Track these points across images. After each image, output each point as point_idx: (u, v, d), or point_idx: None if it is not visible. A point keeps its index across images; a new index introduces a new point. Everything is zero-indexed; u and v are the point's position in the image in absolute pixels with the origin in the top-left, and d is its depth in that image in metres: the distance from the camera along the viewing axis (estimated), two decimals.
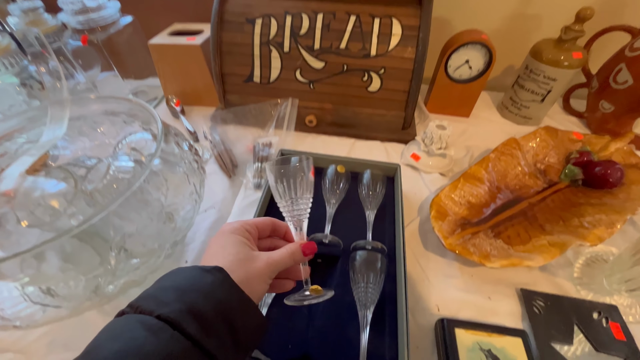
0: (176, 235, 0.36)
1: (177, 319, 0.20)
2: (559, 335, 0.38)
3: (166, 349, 0.19)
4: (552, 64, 0.62)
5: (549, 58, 0.62)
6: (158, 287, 0.23)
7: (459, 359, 0.34)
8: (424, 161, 0.59)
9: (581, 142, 0.63)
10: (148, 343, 0.19)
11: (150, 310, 0.21)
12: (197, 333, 0.20)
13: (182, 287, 0.23)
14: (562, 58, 0.61)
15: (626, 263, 0.39)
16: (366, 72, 0.60)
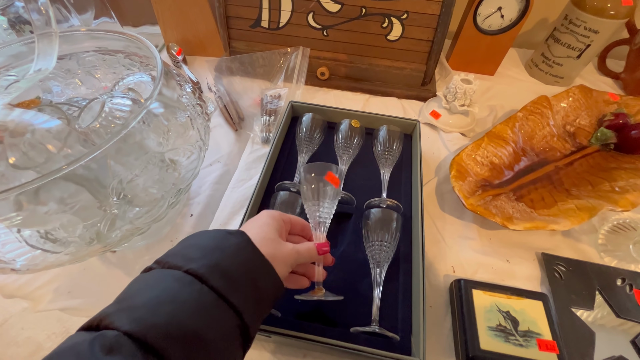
0: (180, 184, 0.34)
1: (204, 274, 0.21)
2: (579, 300, 0.37)
3: (198, 299, 0.20)
4: (596, 13, 0.55)
5: (594, 5, 0.55)
6: (184, 245, 0.25)
7: (476, 319, 0.33)
8: (445, 119, 0.55)
9: (617, 104, 0.57)
10: (181, 293, 0.20)
11: (179, 265, 0.22)
12: (223, 288, 0.21)
13: (209, 246, 0.24)
14: (609, 6, 0.54)
15: None
16: (386, 18, 0.54)
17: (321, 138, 0.50)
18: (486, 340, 0.32)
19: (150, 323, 0.18)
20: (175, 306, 0.19)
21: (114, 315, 0.19)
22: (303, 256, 0.28)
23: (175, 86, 0.34)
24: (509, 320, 0.33)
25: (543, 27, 0.74)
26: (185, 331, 0.19)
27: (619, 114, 0.54)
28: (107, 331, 0.18)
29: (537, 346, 0.31)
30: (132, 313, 0.19)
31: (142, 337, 0.18)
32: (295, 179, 0.44)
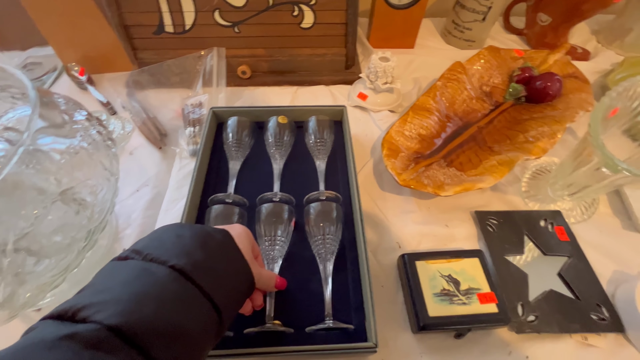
0: (90, 224, 0.31)
1: (191, 271, 0.21)
2: (511, 247, 0.40)
3: (183, 296, 0.20)
4: None
5: None
6: (166, 238, 0.24)
7: (422, 289, 0.34)
8: (372, 99, 0.56)
9: (523, 59, 0.62)
10: (167, 288, 0.20)
11: (163, 260, 0.21)
12: (207, 286, 0.22)
13: (193, 242, 0.23)
14: None
15: (567, 169, 0.40)
16: (295, 6, 0.53)
17: (252, 140, 0.48)
18: (433, 307, 0.33)
19: (137, 317, 0.18)
20: (161, 301, 0.19)
21: (93, 307, 0.18)
22: (263, 282, 0.29)
23: (61, 115, 0.30)
24: (452, 283, 0.35)
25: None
26: (171, 327, 0.19)
27: (525, 67, 0.58)
28: (85, 324, 0.17)
29: (479, 300, 0.34)
30: (116, 306, 0.18)
31: (128, 332, 0.17)
32: (229, 189, 0.42)
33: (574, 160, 0.38)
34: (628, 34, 0.68)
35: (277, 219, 0.38)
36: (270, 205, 0.39)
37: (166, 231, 0.25)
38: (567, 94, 0.55)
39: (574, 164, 0.38)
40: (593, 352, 0.34)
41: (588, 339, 0.34)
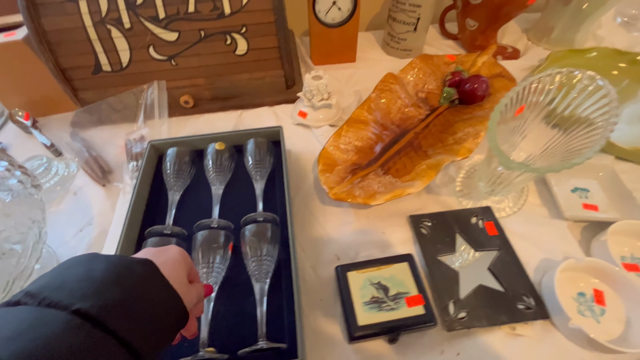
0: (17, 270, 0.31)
1: (100, 315, 0.18)
2: (444, 247, 0.42)
3: (88, 349, 0.16)
4: None
5: None
6: (70, 273, 0.20)
7: (352, 299, 0.35)
8: (312, 116, 0.58)
9: (455, 63, 0.65)
10: (64, 344, 0.16)
11: (64, 304, 0.18)
12: (123, 330, 0.18)
13: (106, 277, 0.20)
14: None
15: (485, 168, 0.42)
16: (227, 35, 0.55)
17: (192, 169, 0.49)
18: (363, 316, 0.34)
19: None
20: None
21: None
22: (197, 307, 0.27)
23: None
24: (381, 290, 0.36)
25: (385, 8, 0.81)
26: None
27: (456, 72, 0.61)
28: None
29: (406, 304, 0.35)
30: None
31: None
32: (167, 220, 0.43)
33: (487, 159, 0.41)
34: (552, 32, 0.72)
35: (213, 245, 0.39)
36: (206, 232, 0.40)
37: (73, 265, 0.21)
38: (495, 93, 0.58)
39: (488, 163, 0.41)
40: (521, 341, 0.35)
41: (516, 329, 0.36)
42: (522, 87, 0.39)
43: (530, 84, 0.38)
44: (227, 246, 0.40)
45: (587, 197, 0.47)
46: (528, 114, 0.43)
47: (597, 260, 0.37)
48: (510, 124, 0.43)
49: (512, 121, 0.43)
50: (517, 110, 0.41)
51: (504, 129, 0.43)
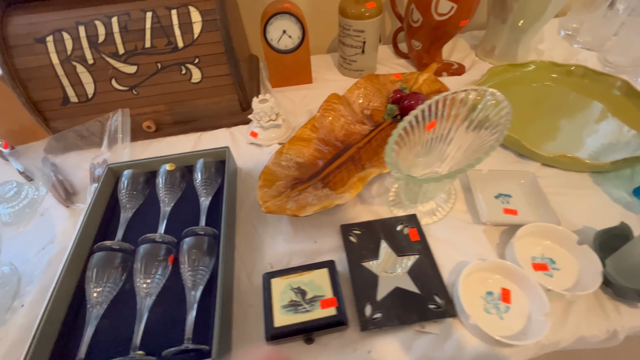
0: None
1: None
2: (368, 254, 0.45)
3: None
4: (355, 18, 0.67)
5: (352, 13, 0.67)
6: None
7: (272, 303, 0.39)
8: (262, 136, 0.62)
9: (400, 82, 0.70)
10: None
11: None
12: None
13: None
14: (362, 10, 0.67)
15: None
16: (182, 66, 0.60)
17: (146, 189, 0.54)
18: (280, 318, 0.37)
19: None
20: None
21: None
22: None
23: None
24: (299, 294, 0.39)
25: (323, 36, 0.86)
26: None
27: (397, 89, 0.66)
28: None
29: (320, 306, 0.38)
30: None
31: None
32: (117, 237, 0.47)
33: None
34: (495, 48, 0.77)
35: (154, 257, 0.43)
36: (148, 246, 0.44)
37: None
38: None
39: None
40: (428, 338, 0.38)
41: (425, 327, 0.39)
42: (420, 110, 0.44)
43: (432, 104, 0.43)
44: (168, 258, 0.44)
45: (508, 202, 0.50)
46: (449, 125, 0.47)
47: (501, 261, 0.40)
48: (426, 136, 0.47)
49: (425, 134, 0.47)
50: (428, 126, 0.46)
51: (420, 143, 0.47)
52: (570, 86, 0.68)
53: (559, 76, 0.70)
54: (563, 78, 0.70)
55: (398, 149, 0.43)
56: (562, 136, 0.60)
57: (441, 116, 0.46)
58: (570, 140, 0.59)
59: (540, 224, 0.44)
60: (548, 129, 0.61)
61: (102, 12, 0.57)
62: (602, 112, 0.63)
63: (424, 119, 0.45)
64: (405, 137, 0.45)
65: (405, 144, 0.45)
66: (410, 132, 0.45)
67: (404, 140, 0.45)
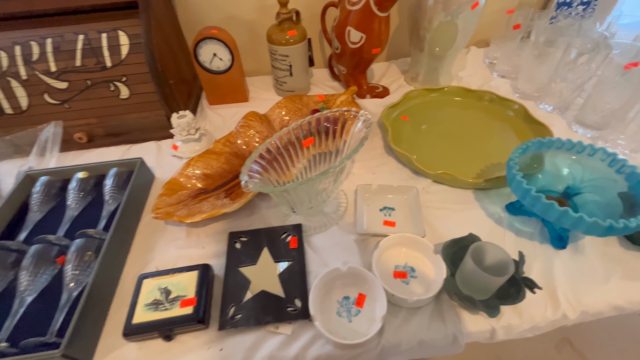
0: None
1: None
2: (247, 259, 0.48)
3: None
4: (279, 44, 0.73)
5: (277, 39, 0.73)
6: None
7: (137, 302, 0.41)
8: (183, 149, 0.67)
9: (322, 102, 0.76)
10: None
11: None
12: None
13: None
14: (287, 37, 0.73)
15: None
16: (111, 83, 0.66)
17: (60, 195, 0.57)
18: (140, 315, 0.40)
19: None
20: None
21: None
22: None
23: None
24: (164, 294, 0.42)
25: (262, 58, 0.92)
26: None
27: (315, 109, 0.71)
28: None
29: (180, 305, 0.41)
30: None
31: None
32: (19, 237, 0.51)
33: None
34: (418, 76, 0.83)
35: (43, 257, 0.46)
36: (39, 246, 0.47)
37: None
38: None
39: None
40: (279, 338, 0.40)
41: (279, 327, 0.41)
42: (286, 130, 0.48)
43: (304, 122, 0.47)
44: (57, 259, 0.47)
45: (390, 215, 0.54)
46: (335, 141, 0.52)
47: (358, 268, 0.44)
48: (310, 152, 0.51)
49: (306, 151, 0.51)
50: (304, 142, 0.50)
51: (305, 158, 0.52)
52: (478, 110, 0.74)
53: (470, 100, 0.76)
54: (473, 102, 0.75)
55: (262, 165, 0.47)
56: (462, 155, 0.64)
57: (321, 133, 0.51)
58: (469, 159, 0.63)
59: (405, 234, 0.47)
60: (450, 148, 0.66)
61: (38, 33, 0.63)
62: (501, 134, 0.68)
63: (298, 137, 0.49)
64: (276, 153, 0.49)
65: (281, 160, 0.49)
66: (286, 149, 0.49)
67: (280, 156, 0.49)
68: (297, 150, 0.51)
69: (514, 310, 0.41)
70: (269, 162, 0.48)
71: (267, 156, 0.47)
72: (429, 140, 0.67)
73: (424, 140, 0.67)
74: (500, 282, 0.38)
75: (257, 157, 0.46)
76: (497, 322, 0.41)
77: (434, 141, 0.67)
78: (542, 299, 0.42)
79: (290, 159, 0.51)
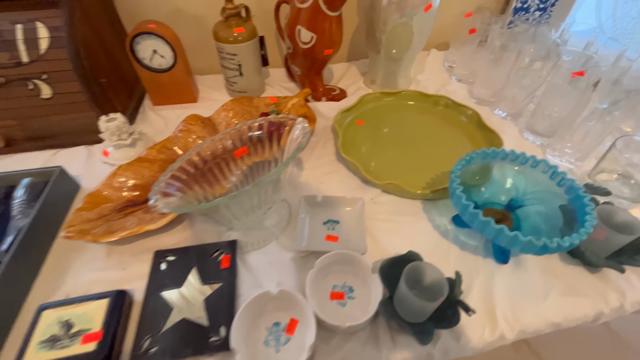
0: None
1: None
2: (172, 282, 0.43)
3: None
4: (226, 42, 0.68)
5: (224, 37, 0.68)
6: None
7: (32, 337, 0.36)
8: (115, 155, 0.60)
9: (274, 105, 0.71)
10: None
11: None
12: None
13: None
14: (235, 34, 0.68)
15: None
16: (29, 81, 0.58)
17: None
18: (31, 357, 0.35)
19: None
20: None
21: None
22: None
23: None
24: (64, 327, 0.37)
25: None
26: None
27: (264, 113, 0.67)
28: None
29: (81, 341, 0.36)
30: None
31: None
32: None
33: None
34: (377, 79, 0.80)
35: None
36: None
37: None
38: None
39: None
40: None
41: None
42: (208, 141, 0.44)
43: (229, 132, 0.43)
44: None
45: (334, 229, 0.51)
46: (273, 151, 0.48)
47: (288, 290, 0.40)
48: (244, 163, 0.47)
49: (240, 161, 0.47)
50: (236, 152, 0.46)
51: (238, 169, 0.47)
52: (433, 115, 0.72)
53: (426, 105, 0.74)
54: (429, 107, 0.74)
55: (183, 179, 0.43)
56: (414, 163, 0.62)
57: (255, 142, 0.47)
58: (420, 167, 0.60)
59: (343, 252, 0.44)
60: (403, 156, 0.63)
61: None
62: (455, 141, 0.66)
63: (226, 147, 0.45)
64: (202, 166, 0.44)
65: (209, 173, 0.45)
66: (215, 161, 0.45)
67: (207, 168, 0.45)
68: (229, 161, 0.47)
69: (450, 332, 0.39)
70: (192, 176, 0.43)
71: (190, 169, 0.43)
72: (382, 147, 0.65)
73: (377, 146, 0.65)
74: (433, 306, 0.36)
75: (176, 171, 0.41)
76: (433, 347, 0.39)
77: (387, 148, 0.65)
78: (481, 319, 0.40)
79: (221, 170, 0.47)
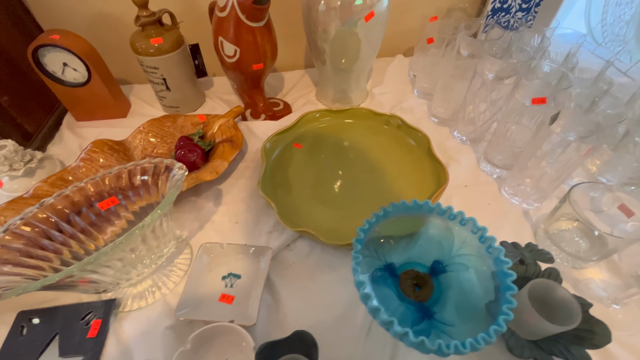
0: None
1: None
2: (26, 354, 0.38)
3: None
4: (145, 54, 0.60)
5: (141, 48, 0.60)
6: None
7: None
8: (9, 186, 0.54)
9: (203, 124, 0.64)
10: None
11: None
12: None
13: None
14: (156, 46, 0.60)
15: None
16: None
17: None
18: None
19: None
20: None
21: None
22: None
23: None
24: None
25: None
26: None
27: (183, 136, 0.59)
28: None
29: None
30: None
31: None
32: None
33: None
34: (329, 92, 0.71)
35: None
36: None
37: None
38: (213, 160, 0.56)
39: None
40: None
41: None
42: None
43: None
44: None
45: (233, 285, 0.44)
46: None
47: None
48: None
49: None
50: (102, 204, 0.39)
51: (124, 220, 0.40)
52: (384, 137, 0.63)
53: (376, 125, 0.65)
54: (380, 127, 0.65)
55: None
56: (350, 198, 0.53)
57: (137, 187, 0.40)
58: (355, 204, 0.52)
59: (223, 324, 0.37)
60: (339, 189, 0.55)
61: None
62: (401, 171, 0.57)
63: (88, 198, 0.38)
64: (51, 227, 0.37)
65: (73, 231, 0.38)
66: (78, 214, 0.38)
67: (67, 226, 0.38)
68: (100, 211, 0.40)
69: None
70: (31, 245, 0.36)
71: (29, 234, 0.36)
72: (315, 178, 0.57)
73: (308, 177, 0.57)
74: None
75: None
76: None
77: (320, 179, 0.57)
78: None
79: (92, 224, 0.40)
